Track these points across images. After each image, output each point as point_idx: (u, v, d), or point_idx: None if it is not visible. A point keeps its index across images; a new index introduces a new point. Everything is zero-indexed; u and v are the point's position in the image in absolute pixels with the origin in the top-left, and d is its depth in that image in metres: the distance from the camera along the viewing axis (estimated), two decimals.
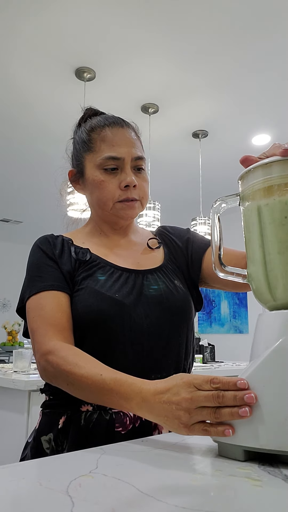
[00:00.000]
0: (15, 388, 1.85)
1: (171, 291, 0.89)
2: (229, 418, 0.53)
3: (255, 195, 0.61)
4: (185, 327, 0.91)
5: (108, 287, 0.85)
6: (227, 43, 2.73)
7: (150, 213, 3.47)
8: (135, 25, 2.59)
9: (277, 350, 0.53)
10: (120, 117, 0.96)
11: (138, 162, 0.91)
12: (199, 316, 6.38)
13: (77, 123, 1.00)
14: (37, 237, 0.95)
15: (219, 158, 4.34)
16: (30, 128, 3.78)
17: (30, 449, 0.85)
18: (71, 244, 0.92)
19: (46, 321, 0.80)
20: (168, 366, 0.86)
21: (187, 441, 0.64)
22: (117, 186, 0.89)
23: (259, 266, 0.61)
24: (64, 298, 0.84)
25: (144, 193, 0.93)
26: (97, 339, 0.82)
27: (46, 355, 0.76)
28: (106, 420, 0.80)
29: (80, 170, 0.95)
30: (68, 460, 0.56)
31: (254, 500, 0.42)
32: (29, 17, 2.53)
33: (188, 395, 0.55)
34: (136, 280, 0.89)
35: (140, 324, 0.83)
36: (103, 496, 0.41)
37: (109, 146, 0.89)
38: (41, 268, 0.87)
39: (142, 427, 0.81)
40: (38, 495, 0.42)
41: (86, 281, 0.86)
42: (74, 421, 0.81)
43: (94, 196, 0.92)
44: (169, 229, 1.05)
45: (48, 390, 0.88)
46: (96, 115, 0.98)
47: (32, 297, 0.84)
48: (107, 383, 0.67)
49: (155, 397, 0.59)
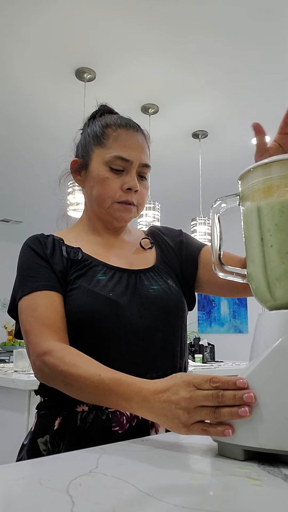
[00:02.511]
0: (16, 387, 1.85)
1: (165, 291, 0.90)
2: (229, 418, 0.53)
3: (255, 195, 0.61)
4: (179, 327, 0.91)
5: (102, 287, 0.84)
6: (227, 43, 2.73)
7: (150, 213, 3.47)
8: (135, 26, 2.59)
9: (276, 350, 0.54)
10: (135, 121, 0.96)
11: (144, 169, 0.92)
12: (199, 316, 6.38)
13: (90, 116, 1.00)
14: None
15: (219, 158, 4.33)
16: (30, 129, 3.78)
17: (26, 452, 0.84)
18: (62, 244, 0.91)
19: (40, 322, 0.79)
20: (163, 366, 0.86)
21: (187, 441, 0.64)
22: (119, 187, 0.89)
23: (259, 266, 0.61)
24: (58, 298, 0.83)
25: (143, 200, 0.94)
26: (91, 339, 0.82)
27: (42, 356, 0.75)
28: (103, 420, 0.79)
29: (85, 162, 0.94)
30: (68, 460, 0.56)
31: (254, 500, 0.42)
32: (30, 18, 2.53)
33: (187, 395, 0.56)
34: (130, 280, 0.88)
35: (135, 324, 0.83)
36: (103, 496, 0.41)
37: (121, 146, 0.90)
38: (32, 268, 0.86)
39: (139, 425, 0.80)
40: (38, 494, 0.42)
41: (79, 281, 0.85)
42: (70, 422, 0.80)
43: (94, 191, 0.92)
44: (162, 229, 1.05)
45: (42, 392, 0.87)
46: (111, 113, 0.99)
47: (24, 298, 0.83)
48: (106, 383, 0.66)
49: (155, 396, 0.59)
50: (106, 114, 0.98)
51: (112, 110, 1.01)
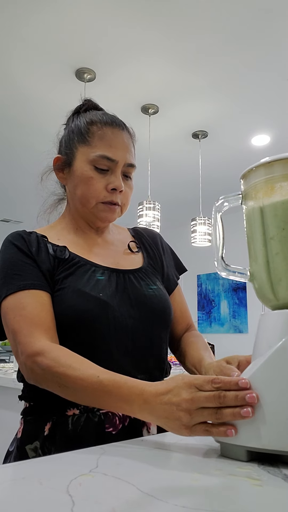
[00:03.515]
0: (16, 387, 1.85)
1: (154, 292, 0.89)
2: (231, 419, 0.53)
3: (258, 194, 0.61)
4: (165, 329, 0.91)
5: (92, 287, 0.83)
6: (227, 43, 2.73)
7: (150, 213, 3.46)
8: (135, 26, 2.59)
9: (279, 350, 0.53)
10: (120, 119, 0.94)
11: (129, 169, 0.91)
12: (199, 316, 6.38)
13: (74, 111, 0.97)
14: None
15: (218, 158, 4.33)
16: (30, 129, 3.78)
17: (13, 459, 0.82)
18: (47, 241, 0.89)
19: (30, 321, 0.76)
20: (151, 367, 0.86)
21: (187, 441, 0.63)
22: (104, 187, 0.88)
23: (262, 265, 0.61)
24: (46, 297, 0.81)
25: (127, 200, 0.92)
26: (81, 339, 0.80)
27: (34, 357, 0.72)
28: (95, 422, 0.78)
29: (69, 159, 0.91)
30: (68, 460, 0.56)
31: (254, 500, 0.42)
32: (30, 18, 2.53)
33: (189, 396, 0.55)
34: (118, 280, 0.87)
35: (124, 325, 0.82)
36: (103, 495, 0.41)
37: (106, 145, 0.87)
38: (17, 265, 0.83)
39: (132, 425, 0.80)
40: (38, 494, 0.42)
41: (67, 280, 0.83)
42: (60, 426, 0.78)
43: (78, 190, 0.89)
44: (143, 232, 1.05)
45: (27, 396, 0.84)
46: (96, 109, 0.96)
47: (10, 296, 0.79)
48: (105, 385, 0.65)
49: (156, 398, 0.59)
50: (91, 110, 0.95)
51: (97, 106, 0.98)
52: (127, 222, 1.11)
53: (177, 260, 1.07)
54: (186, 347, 0.94)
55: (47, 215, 1.04)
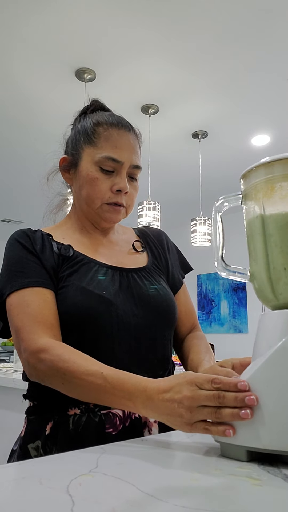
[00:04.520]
0: (16, 387, 1.85)
1: (158, 291, 0.89)
2: (230, 419, 0.53)
3: (258, 194, 0.61)
4: (170, 328, 0.91)
5: (96, 285, 0.83)
6: (227, 43, 2.73)
7: (150, 213, 3.46)
8: (135, 26, 2.59)
9: (280, 350, 0.53)
10: (127, 120, 0.94)
11: (134, 170, 0.91)
12: (199, 316, 6.38)
13: (81, 111, 0.98)
14: None
15: (218, 158, 4.33)
16: (30, 129, 3.78)
17: (16, 458, 0.82)
18: (52, 239, 0.89)
19: (33, 319, 0.77)
20: (154, 365, 0.86)
21: (187, 441, 0.63)
22: (109, 188, 0.88)
23: (262, 265, 0.61)
24: (50, 295, 0.81)
25: (132, 201, 0.92)
26: (84, 336, 0.80)
27: (37, 353, 0.73)
28: (96, 422, 0.78)
29: (75, 160, 0.92)
30: (68, 459, 0.56)
31: (254, 499, 0.42)
32: (30, 18, 2.53)
33: (190, 394, 0.56)
34: (122, 279, 0.88)
35: (127, 323, 0.83)
36: (103, 495, 0.41)
37: (112, 146, 0.88)
38: (22, 263, 0.83)
39: (132, 426, 0.80)
40: (38, 494, 0.42)
41: (71, 278, 0.83)
42: (62, 426, 0.78)
43: (83, 191, 0.90)
44: (149, 231, 1.05)
45: (31, 396, 0.85)
46: (103, 110, 0.96)
47: (14, 294, 0.80)
48: (109, 381, 0.66)
49: (159, 395, 0.59)
50: (98, 111, 0.95)
51: (104, 107, 0.98)
52: (127, 222, 1.11)
53: (182, 259, 1.07)
54: (188, 349, 0.95)
55: (53, 215, 1.04)
